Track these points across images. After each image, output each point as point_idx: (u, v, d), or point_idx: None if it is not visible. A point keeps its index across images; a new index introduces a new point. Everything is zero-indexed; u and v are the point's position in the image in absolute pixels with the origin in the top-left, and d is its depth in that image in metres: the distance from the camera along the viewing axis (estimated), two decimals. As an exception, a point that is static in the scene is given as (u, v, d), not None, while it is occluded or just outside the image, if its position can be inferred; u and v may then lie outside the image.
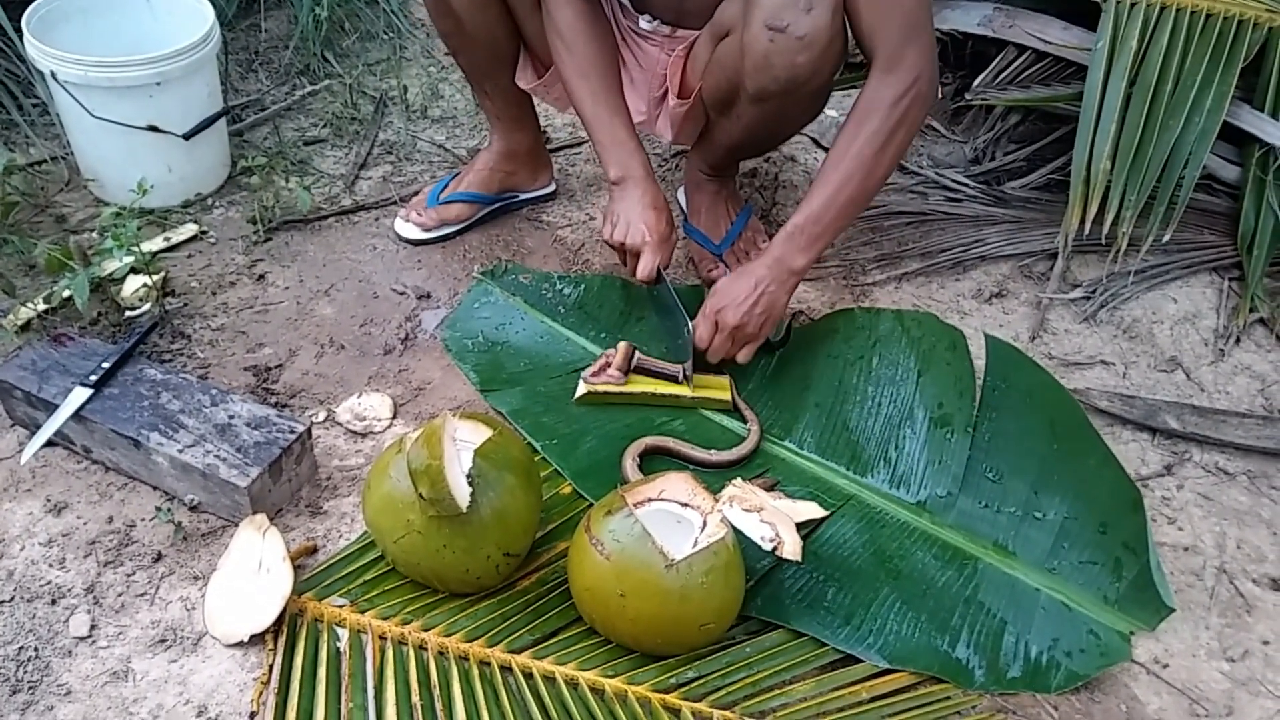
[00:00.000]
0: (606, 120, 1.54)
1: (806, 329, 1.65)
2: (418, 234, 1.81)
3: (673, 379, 1.51)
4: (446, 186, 1.84)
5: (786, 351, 1.59)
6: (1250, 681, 1.27)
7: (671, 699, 1.19)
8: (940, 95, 2.24)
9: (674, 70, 1.63)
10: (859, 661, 1.24)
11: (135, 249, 1.55)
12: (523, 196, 1.90)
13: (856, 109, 1.41)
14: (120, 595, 1.26)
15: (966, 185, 1.99)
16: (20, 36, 1.76)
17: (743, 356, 1.50)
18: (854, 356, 1.57)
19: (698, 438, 1.47)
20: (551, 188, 1.94)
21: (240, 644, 1.21)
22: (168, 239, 1.76)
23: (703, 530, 1.19)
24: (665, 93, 1.67)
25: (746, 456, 1.44)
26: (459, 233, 1.83)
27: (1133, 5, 1.88)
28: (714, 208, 1.79)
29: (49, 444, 1.39)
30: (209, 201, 1.87)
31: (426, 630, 1.23)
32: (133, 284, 1.60)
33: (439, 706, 1.15)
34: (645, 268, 1.53)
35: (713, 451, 1.44)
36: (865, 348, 1.57)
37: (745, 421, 1.49)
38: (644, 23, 1.61)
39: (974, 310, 1.78)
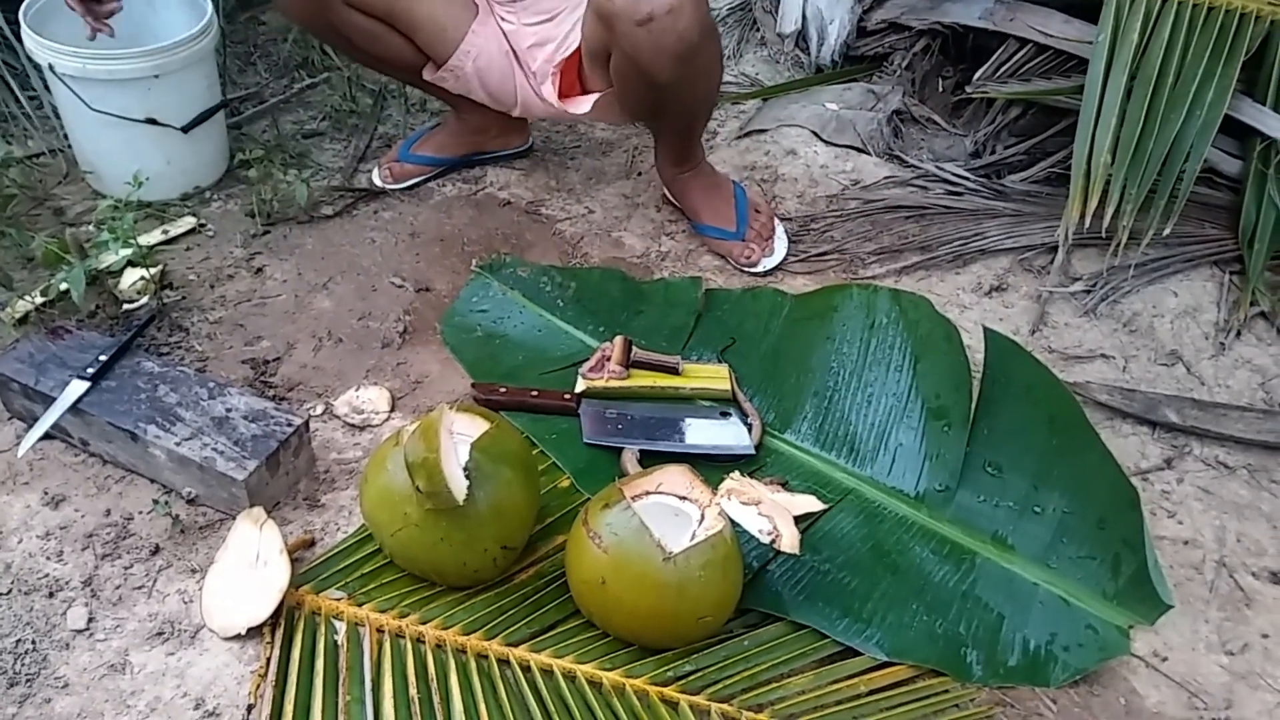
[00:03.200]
0: None
1: (804, 300, 1.64)
2: (385, 185, 1.91)
3: (671, 371, 1.51)
4: (419, 141, 1.91)
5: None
6: (1249, 675, 1.27)
7: (669, 692, 1.19)
8: (940, 89, 2.24)
9: (564, 72, 1.64)
10: (857, 654, 1.24)
11: (132, 242, 1.55)
12: (500, 154, 1.96)
13: None
14: (118, 588, 1.26)
15: (967, 179, 1.99)
16: (18, 29, 1.75)
17: None
18: (851, 337, 1.56)
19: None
20: (526, 145, 1.98)
21: (238, 637, 1.21)
22: (166, 232, 1.76)
23: (700, 523, 1.19)
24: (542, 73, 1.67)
25: (749, 455, 1.44)
26: (425, 181, 1.92)
27: (1134, -2, 1.87)
28: (710, 198, 1.79)
29: (46, 437, 1.38)
30: (207, 194, 1.87)
31: (424, 623, 1.23)
32: (130, 277, 1.60)
33: (437, 699, 1.15)
34: None
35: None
36: (863, 328, 1.56)
37: (745, 416, 1.49)
38: None
39: (974, 304, 1.77)
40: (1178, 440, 1.56)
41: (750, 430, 1.46)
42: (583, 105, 1.64)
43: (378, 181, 1.91)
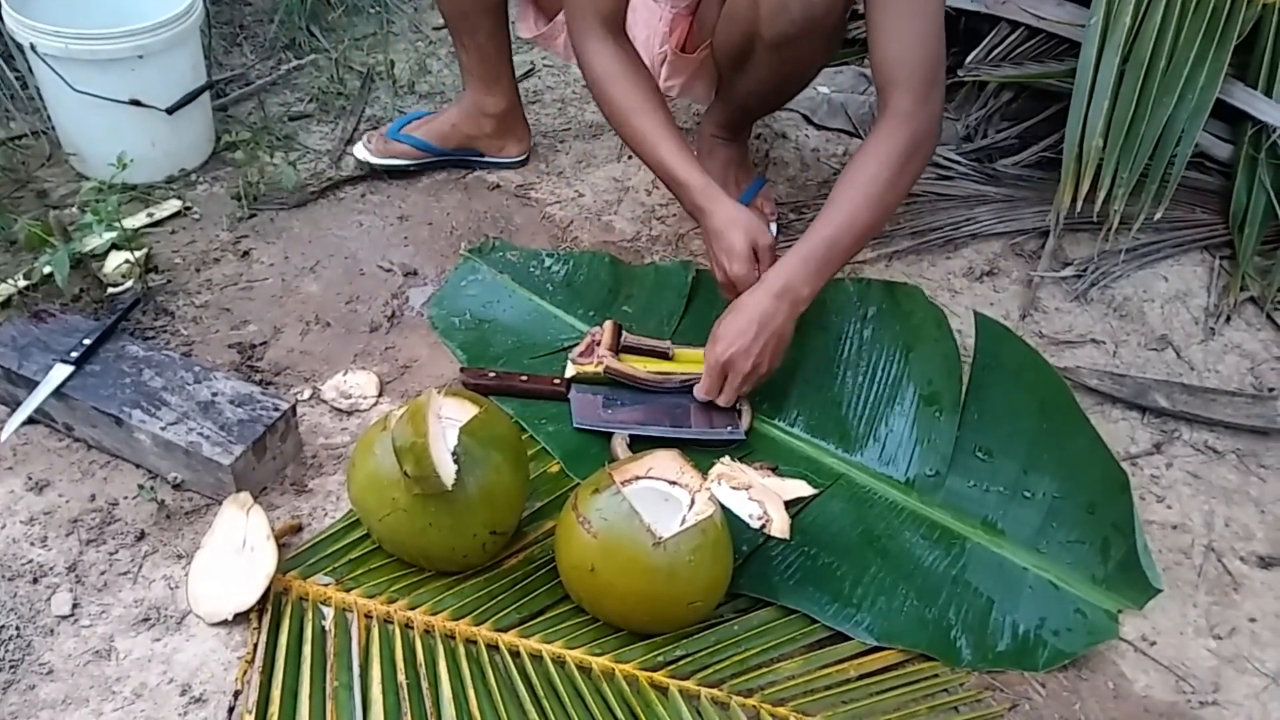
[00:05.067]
0: (667, 159, 1.43)
1: None
2: (367, 158, 1.87)
3: (662, 355, 1.50)
4: (412, 122, 1.87)
5: None
6: (1237, 659, 1.28)
7: (659, 677, 1.18)
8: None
9: (675, 24, 1.63)
10: (847, 639, 1.23)
11: (117, 225, 1.53)
12: (488, 159, 1.91)
13: (877, 142, 1.36)
14: (103, 574, 1.25)
15: (958, 163, 1.98)
16: (-1, 8, 1.73)
17: (746, 389, 1.42)
18: (845, 329, 1.55)
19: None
20: (521, 159, 1.93)
21: (224, 623, 1.20)
22: (151, 215, 1.74)
23: (690, 508, 1.19)
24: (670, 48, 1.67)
25: (740, 441, 1.43)
26: (413, 170, 1.88)
27: (1127, -19, 1.86)
28: (724, 176, 1.77)
29: (30, 421, 1.37)
30: (193, 177, 1.85)
31: (412, 609, 1.22)
32: (115, 260, 1.58)
33: (425, 685, 1.15)
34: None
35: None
36: (856, 319, 1.56)
37: (737, 401, 1.48)
38: None
39: (965, 288, 1.77)
40: (1167, 425, 1.56)
41: (740, 416, 1.45)
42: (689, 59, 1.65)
43: (360, 155, 1.86)
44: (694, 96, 1.80)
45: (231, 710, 1.13)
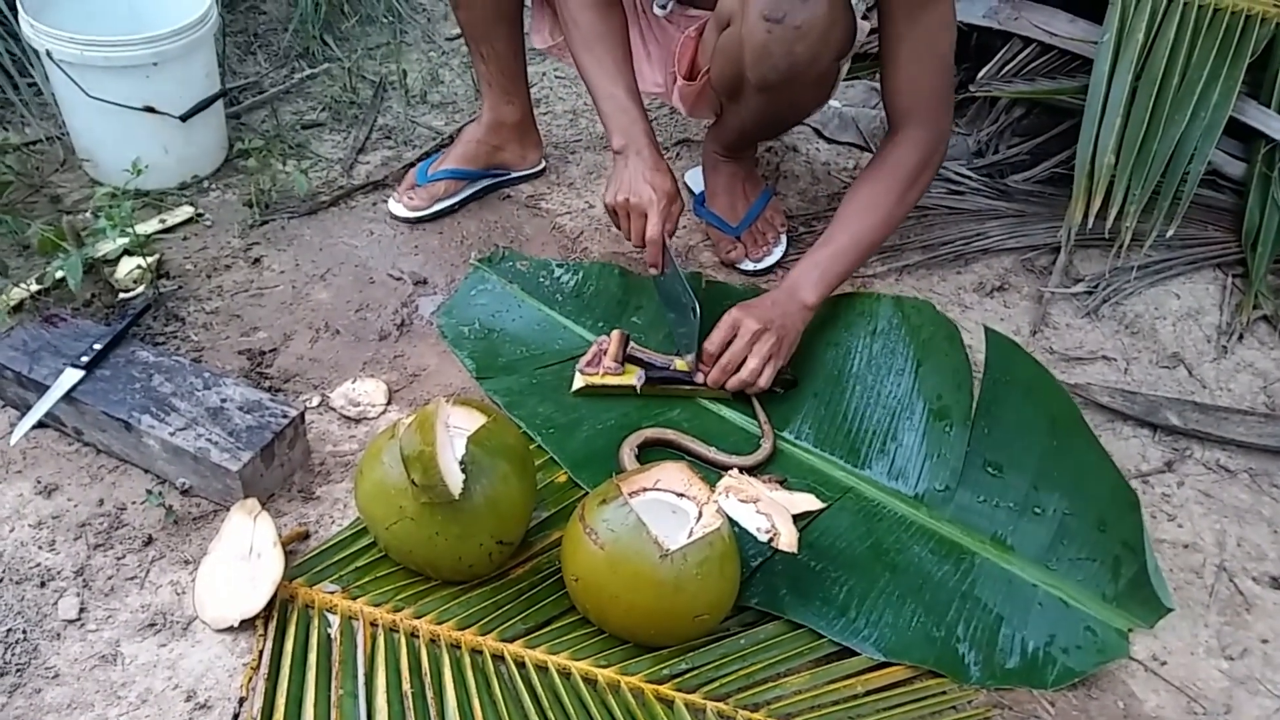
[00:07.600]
0: (609, 89, 1.51)
1: None
2: (409, 213, 1.81)
3: (666, 369, 1.50)
4: (435, 162, 1.83)
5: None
6: (1249, 680, 1.26)
7: (665, 690, 1.18)
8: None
9: (682, 51, 1.63)
10: (854, 654, 1.23)
11: (129, 230, 1.54)
12: (513, 175, 1.89)
13: (885, 160, 1.48)
14: (110, 578, 1.25)
15: (969, 178, 1.98)
16: (16, 14, 1.74)
17: (765, 379, 1.45)
18: (854, 344, 1.55)
19: (695, 429, 1.45)
20: (541, 166, 1.93)
21: (230, 629, 1.20)
22: (163, 221, 1.75)
23: (698, 521, 1.18)
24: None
25: (759, 465, 1.42)
26: (451, 209, 1.82)
27: (1140, -2, 1.87)
28: (731, 189, 1.77)
29: (39, 425, 1.37)
30: (205, 184, 1.86)
31: (418, 618, 1.22)
32: (127, 265, 1.59)
33: (430, 694, 1.14)
34: (653, 227, 1.47)
35: (715, 449, 1.42)
36: (865, 334, 1.56)
37: (755, 417, 1.47)
38: (657, 8, 1.63)
39: (975, 304, 1.76)
40: (1179, 443, 1.55)
41: (762, 447, 1.43)
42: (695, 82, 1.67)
43: (402, 214, 1.80)
44: (703, 116, 1.80)
45: (236, 717, 1.13)
